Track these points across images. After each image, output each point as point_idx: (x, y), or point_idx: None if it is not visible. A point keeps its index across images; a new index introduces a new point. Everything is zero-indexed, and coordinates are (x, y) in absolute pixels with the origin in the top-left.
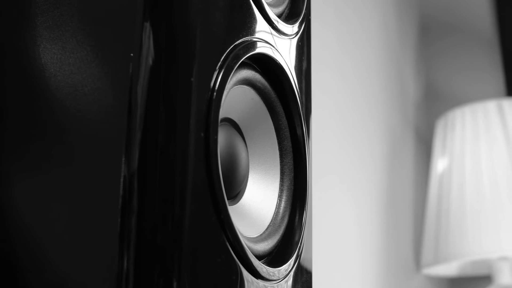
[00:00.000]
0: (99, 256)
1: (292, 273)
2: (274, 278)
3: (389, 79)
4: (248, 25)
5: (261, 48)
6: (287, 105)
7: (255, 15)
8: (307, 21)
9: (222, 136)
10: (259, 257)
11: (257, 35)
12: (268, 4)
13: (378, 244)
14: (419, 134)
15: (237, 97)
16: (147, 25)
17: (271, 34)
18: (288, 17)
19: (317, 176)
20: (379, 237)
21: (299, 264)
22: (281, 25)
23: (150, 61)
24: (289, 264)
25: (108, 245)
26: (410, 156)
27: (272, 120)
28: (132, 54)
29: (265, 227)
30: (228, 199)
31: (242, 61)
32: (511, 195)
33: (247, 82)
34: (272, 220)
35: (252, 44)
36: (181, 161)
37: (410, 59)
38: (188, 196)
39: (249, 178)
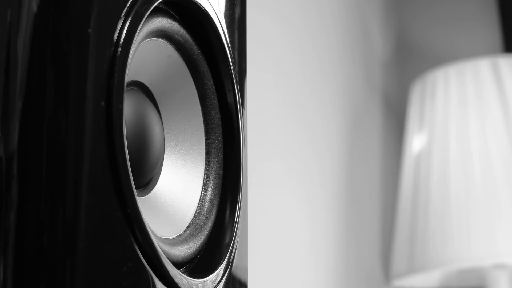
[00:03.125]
0: None
1: (221, 285)
2: None
3: (349, 30)
4: None
5: None
6: (215, 64)
7: None
8: None
9: (129, 105)
10: (178, 264)
11: None
12: None
13: (335, 249)
14: (389, 103)
15: (149, 53)
16: None
17: None
18: None
19: (255, 159)
20: (337, 239)
21: (230, 274)
22: None
23: (34, 7)
24: (218, 274)
25: None
26: (376, 132)
27: (195, 84)
28: None
29: (186, 225)
30: (137, 189)
31: (156, 6)
32: (510, 182)
33: (162, 34)
34: (195, 215)
35: None
36: (75, 138)
37: (376, 4)
38: (84, 185)
39: (164, 161)
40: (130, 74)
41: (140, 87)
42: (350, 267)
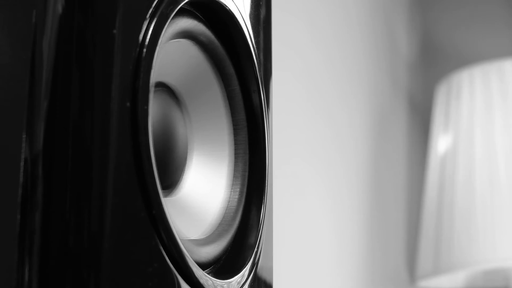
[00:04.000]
0: None
1: (246, 286)
2: None
3: (374, 32)
4: None
5: None
6: (240, 65)
7: None
8: None
9: (155, 106)
10: (204, 265)
11: None
12: None
13: (360, 250)
14: (414, 104)
15: (175, 54)
16: None
17: None
18: None
19: (280, 159)
20: (362, 240)
21: (255, 275)
22: None
23: (60, 7)
24: (243, 275)
25: (2, 250)
26: (402, 133)
27: (221, 85)
28: None
29: (212, 226)
30: (162, 189)
31: (181, 7)
32: None
33: (187, 35)
34: (220, 216)
35: None
36: (101, 138)
37: (402, 7)
38: (109, 186)
39: (191, 162)
40: (156, 75)
41: (166, 88)
42: (376, 268)
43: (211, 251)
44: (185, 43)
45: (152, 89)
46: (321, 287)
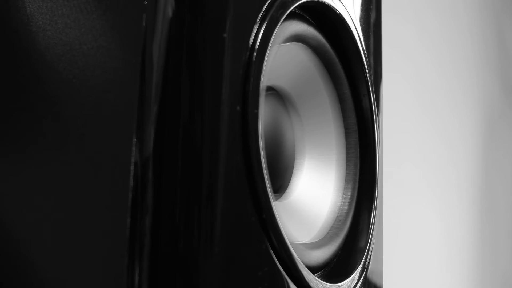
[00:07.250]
0: (101, 268)
1: None
2: None
3: (484, 33)
4: None
5: None
6: (350, 69)
7: None
8: None
9: (266, 110)
10: (314, 269)
11: None
12: None
13: (470, 254)
14: None
15: (286, 58)
16: None
17: None
18: None
19: (390, 163)
20: (471, 244)
21: (366, 278)
22: None
23: (170, 11)
24: (353, 279)
25: (113, 254)
26: None
27: (333, 89)
28: (145, 1)
29: (322, 229)
30: (273, 193)
31: (291, 11)
32: None
33: (298, 38)
34: (331, 220)
35: None
36: (211, 142)
37: (511, 7)
38: (219, 190)
39: (302, 165)
40: (266, 79)
41: (277, 92)
42: (485, 272)
43: (321, 254)
44: (296, 46)
45: (262, 93)
46: None
